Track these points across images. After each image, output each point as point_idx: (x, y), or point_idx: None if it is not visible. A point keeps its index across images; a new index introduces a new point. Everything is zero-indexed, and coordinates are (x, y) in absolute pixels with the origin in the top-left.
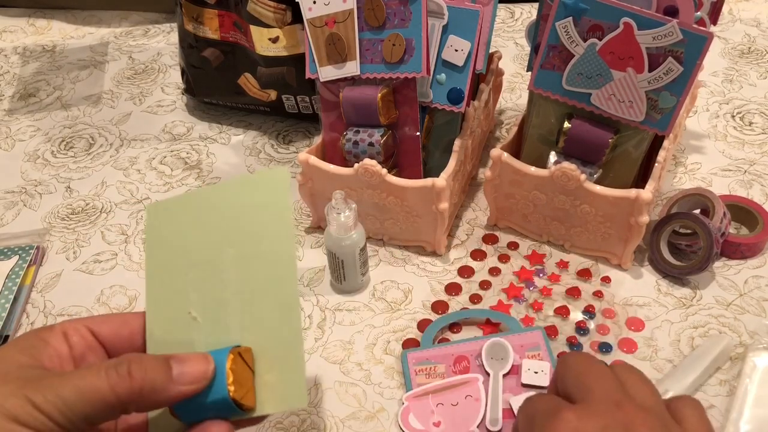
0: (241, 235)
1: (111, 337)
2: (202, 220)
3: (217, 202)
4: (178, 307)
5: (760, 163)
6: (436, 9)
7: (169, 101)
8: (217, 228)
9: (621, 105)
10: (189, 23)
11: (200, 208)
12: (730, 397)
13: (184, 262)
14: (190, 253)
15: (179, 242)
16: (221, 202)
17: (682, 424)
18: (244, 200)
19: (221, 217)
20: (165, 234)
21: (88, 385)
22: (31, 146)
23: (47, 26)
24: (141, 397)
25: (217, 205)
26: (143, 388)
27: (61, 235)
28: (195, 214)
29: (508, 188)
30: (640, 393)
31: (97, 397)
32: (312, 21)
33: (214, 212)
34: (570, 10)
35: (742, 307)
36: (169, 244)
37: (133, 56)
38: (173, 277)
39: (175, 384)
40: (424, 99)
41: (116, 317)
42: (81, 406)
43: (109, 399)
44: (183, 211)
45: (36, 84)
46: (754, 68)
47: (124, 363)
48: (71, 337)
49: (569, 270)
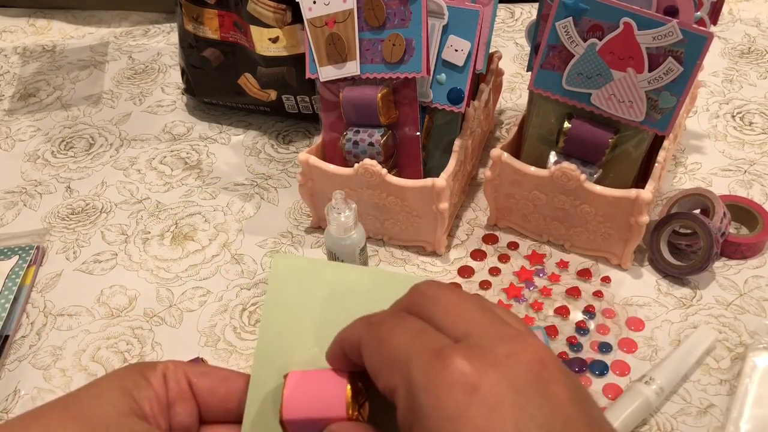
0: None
1: (206, 393)
2: (338, 296)
3: (356, 284)
4: (290, 362)
5: (760, 163)
6: (436, 9)
7: (169, 101)
8: (352, 299)
9: (621, 105)
10: (189, 23)
11: (337, 281)
12: (731, 396)
13: (309, 334)
14: (318, 328)
15: (307, 311)
16: (362, 287)
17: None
18: (390, 289)
19: (358, 301)
20: (292, 295)
21: None
22: (31, 146)
23: (47, 26)
24: None
25: (355, 287)
26: None
27: (61, 235)
28: (331, 287)
29: (508, 188)
30: (515, 322)
31: None
32: (312, 21)
33: (352, 293)
34: (570, 10)
35: (742, 307)
36: (294, 308)
37: (133, 56)
38: (293, 345)
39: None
40: (424, 99)
41: (218, 373)
42: None
43: None
44: (317, 276)
45: (36, 84)
46: (754, 68)
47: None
48: (169, 380)
49: (569, 270)
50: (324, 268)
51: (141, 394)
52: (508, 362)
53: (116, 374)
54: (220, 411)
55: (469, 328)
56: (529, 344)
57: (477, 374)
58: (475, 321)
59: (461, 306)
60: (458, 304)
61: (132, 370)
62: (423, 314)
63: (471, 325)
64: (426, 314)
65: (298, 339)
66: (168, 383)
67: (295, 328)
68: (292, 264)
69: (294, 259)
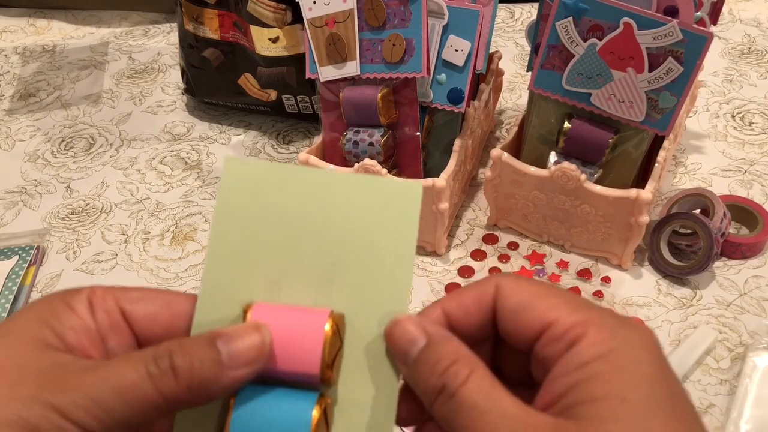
0: (349, 235)
1: (144, 321)
2: (302, 200)
3: (324, 187)
4: (248, 283)
5: (760, 163)
6: (437, 9)
7: (169, 101)
8: (320, 215)
9: (621, 105)
10: (189, 23)
11: (303, 189)
12: (731, 396)
13: (269, 255)
14: (280, 247)
15: (267, 226)
16: (330, 190)
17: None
18: (364, 200)
19: (327, 204)
20: (246, 199)
21: (127, 383)
22: (31, 146)
23: (47, 26)
24: (190, 394)
25: (323, 191)
26: (191, 384)
27: (61, 235)
28: (293, 190)
29: (509, 188)
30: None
31: (139, 398)
32: (312, 21)
33: (319, 197)
34: (570, 10)
35: (742, 307)
36: (251, 223)
37: (133, 56)
38: (249, 269)
39: (226, 370)
40: (424, 99)
41: (156, 296)
42: (119, 409)
43: (154, 400)
44: (276, 180)
45: (36, 84)
46: (754, 68)
47: (165, 356)
48: (96, 311)
49: (569, 270)
50: (287, 173)
51: (63, 324)
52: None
53: (32, 305)
54: (165, 339)
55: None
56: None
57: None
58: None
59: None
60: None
61: (51, 299)
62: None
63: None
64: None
65: (255, 261)
66: (95, 313)
67: (251, 247)
68: (249, 169)
69: (251, 164)
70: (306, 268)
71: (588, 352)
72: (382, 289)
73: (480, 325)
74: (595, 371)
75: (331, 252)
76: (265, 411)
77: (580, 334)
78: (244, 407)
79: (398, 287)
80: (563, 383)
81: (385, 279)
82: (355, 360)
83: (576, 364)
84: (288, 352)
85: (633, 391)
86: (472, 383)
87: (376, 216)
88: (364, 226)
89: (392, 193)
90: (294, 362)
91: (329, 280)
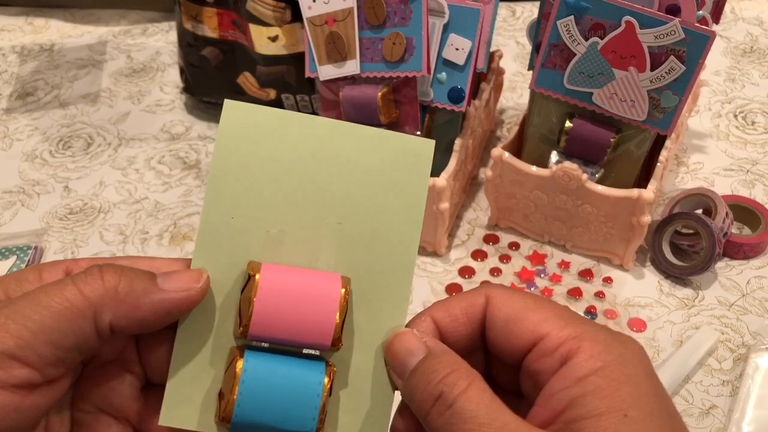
0: (356, 193)
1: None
2: (308, 150)
3: (331, 138)
4: (247, 238)
5: (762, 162)
6: (437, 7)
7: (167, 100)
8: (327, 168)
9: (623, 104)
10: (188, 22)
11: (306, 138)
12: (733, 397)
13: (270, 207)
14: (282, 199)
15: (267, 163)
16: (337, 141)
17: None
18: (373, 155)
19: (334, 157)
20: (247, 147)
21: (56, 295)
22: (29, 146)
23: (45, 25)
24: (117, 301)
25: (331, 142)
26: (119, 289)
27: (59, 235)
28: (298, 139)
29: (509, 188)
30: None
31: (66, 306)
32: (311, 19)
33: (326, 149)
34: (571, 8)
35: (744, 308)
36: (250, 161)
37: (132, 55)
38: (249, 223)
39: (158, 287)
40: (424, 98)
41: (144, 263)
42: (47, 324)
43: (81, 306)
44: (280, 128)
45: (34, 83)
46: (757, 67)
47: (94, 267)
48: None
49: (571, 270)
50: (292, 120)
51: (21, 288)
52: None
53: (6, 275)
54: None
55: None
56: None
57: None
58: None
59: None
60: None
61: (28, 269)
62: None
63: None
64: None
65: (255, 215)
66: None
67: (252, 199)
68: (250, 114)
69: (253, 109)
70: (310, 224)
71: (584, 366)
72: (390, 253)
73: (468, 335)
74: (593, 386)
75: (336, 210)
76: (275, 378)
77: (573, 348)
78: (253, 373)
79: (405, 252)
80: (562, 398)
81: (393, 245)
82: (354, 361)
83: (573, 379)
84: (300, 320)
85: (634, 407)
86: (473, 393)
87: (386, 174)
88: (373, 184)
89: (404, 149)
90: (306, 330)
91: (334, 241)
